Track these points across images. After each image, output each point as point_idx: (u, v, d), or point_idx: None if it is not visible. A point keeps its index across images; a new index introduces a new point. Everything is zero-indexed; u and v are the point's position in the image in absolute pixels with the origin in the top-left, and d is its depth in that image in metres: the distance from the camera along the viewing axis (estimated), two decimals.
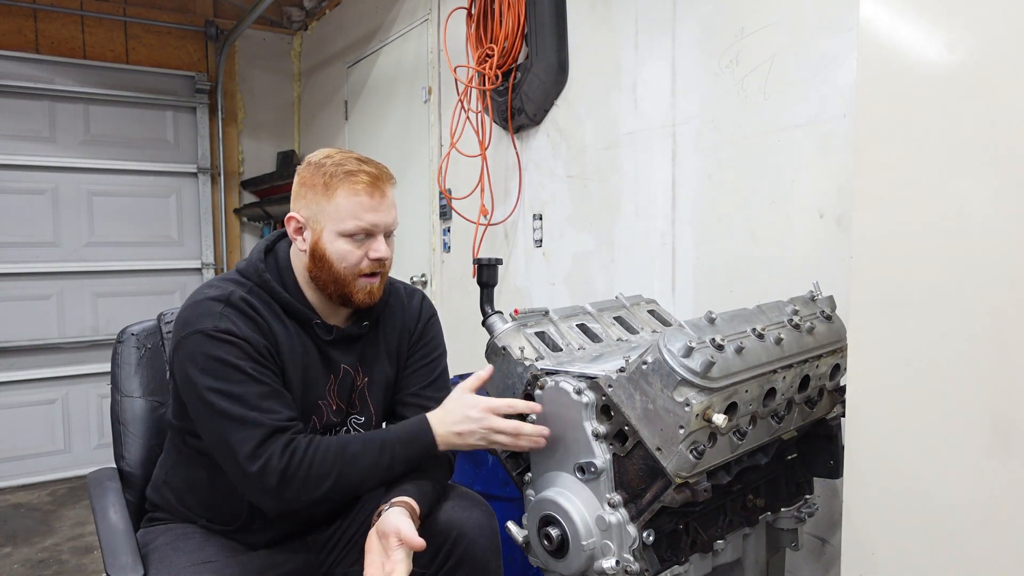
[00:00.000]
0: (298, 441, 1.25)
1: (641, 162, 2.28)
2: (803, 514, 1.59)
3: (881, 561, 1.17)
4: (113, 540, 1.37)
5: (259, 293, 1.36)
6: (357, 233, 1.34)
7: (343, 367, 1.44)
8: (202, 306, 1.30)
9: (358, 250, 1.35)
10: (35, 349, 4.05)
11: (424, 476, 1.37)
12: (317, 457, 1.24)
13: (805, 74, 1.80)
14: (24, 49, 3.98)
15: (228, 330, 1.27)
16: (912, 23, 1.10)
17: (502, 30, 2.62)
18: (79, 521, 3.46)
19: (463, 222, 3.03)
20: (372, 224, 1.34)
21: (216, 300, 1.31)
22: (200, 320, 1.28)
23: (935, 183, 1.08)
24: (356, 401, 1.48)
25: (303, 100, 4.86)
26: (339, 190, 1.32)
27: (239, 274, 1.39)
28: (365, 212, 1.33)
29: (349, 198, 1.32)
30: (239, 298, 1.32)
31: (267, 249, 1.44)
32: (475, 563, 1.39)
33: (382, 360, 1.51)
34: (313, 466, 1.23)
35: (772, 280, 1.88)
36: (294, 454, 1.23)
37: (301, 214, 1.36)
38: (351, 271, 1.35)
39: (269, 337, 1.33)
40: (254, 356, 1.28)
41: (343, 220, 1.32)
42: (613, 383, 1.25)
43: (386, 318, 1.52)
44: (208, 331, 1.26)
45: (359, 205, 1.32)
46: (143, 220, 4.34)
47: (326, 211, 1.33)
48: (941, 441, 1.08)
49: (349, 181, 1.32)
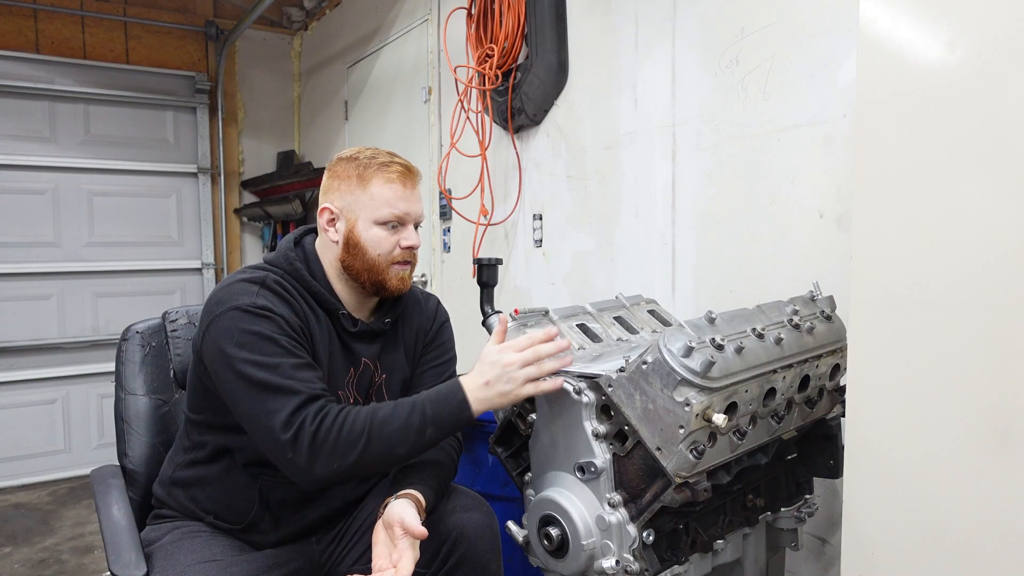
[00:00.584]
0: (330, 407, 1.25)
1: (641, 162, 2.28)
2: (803, 514, 1.59)
3: (881, 561, 1.17)
4: (116, 537, 1.37)
5: (290, 281, 1.39)
6: (391, 221, 1.39)
7: (364, 360, 1.47)
8: (237, 287, 1.33)
9: (391, 237, 1.40)
10: (35, 349, 4.05)
11: (429, 470, 1.39)
12: (347, 422, 1.23)
13: (805, 74, 1.80)
14: (24, 49, 3.98)
15: (264, 306, 1.29)
16: (912, 23, 1.10)
17: (502, 30, 2.62)
18: (79, 521, 3.46)
19: (463, 222, 3.04)
20: (405, 212, 1.40)
21: (251, 282, 1.34)
22: (236, 298, 1.30)
23: (935, 183, 1.08)
24: (373, 396, 1.49)
25: (303, 100, 4.86)
26: (374, 180, 1.39)
27: (268, 264, 1.42)
28: (399, 200, 1.39)
29: (384, 187, 1.38)
30: (274, 280, 1.35)
31: (295, 242, 1.48)
32: (475, 563, 1.39)
33: (400, 359, 1.53)
34: (343, 430, 1.22)
35: (772, 280, 1.88)
36: (325, 418, 1.22)
37: (335, 205, 1.41)
38: (385, 258, 1.40)
39: (303, 318, 1.36)
40: (289, 332, 1.30)
41: (378, 208, 1.38)
42: (613, 383, 1.25)
43: (405, 318, 1.56)
44: (245, 307, 1.29)
45: (393, 193, 1.39)
46: (143, 220, 4.34)
47: (360, 200, 1.39)
48: (941, 441, 1.09)
49: (384, 171, 1.39)
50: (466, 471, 1.99)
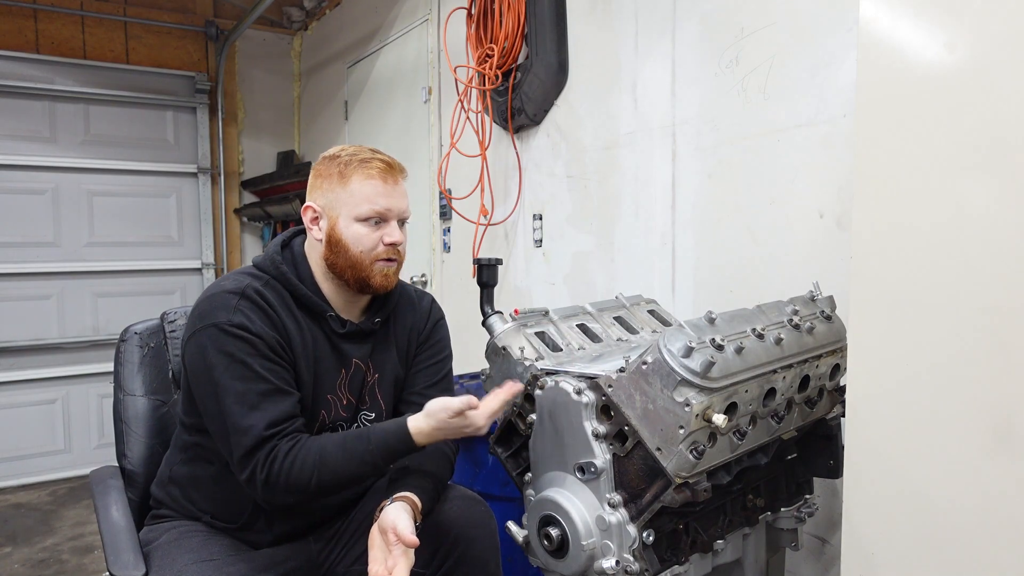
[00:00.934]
0: (279, 449, 1.27)
1: (641, 162, 2.28)
2: (803, 514, 1.59)
3: (880, 561, 1.17)
4: (115, 538, 1.38)
5: (275, 286, 1.40)
6: (372, 217, 1.38)
7: (355, 361, 1.46)
8: (217, 299, 1.34)
9: (373, 234, 1.39)
10: (35, 349, 4.05)
11: (426, 472, 1.39)
12: (297, 459, 1.26)
13: (805, 74, 1.80)
14: (24, 49, 3.98)
15: (241, 324, 1.30)
16: (912, 23, 1.10)
17: (502, 30, 2.62)
18: (79, 521, 3.46)
19: (463, 222, 3.04)
20: (385, 208, 1.39)
21: (232, 293, 1.34)
22: (215, 313, 1.32)
23: (935, 183, 1.08)
24: (367, 396, 1.49)
25: (303, 100, 4.86)
26: (354, 176, 1.38)
27: (256, 267, 1.43)
28: (379, 196, 1.38)
29: (363, 183, 1.37)
30: (254, 291, 1.35)
31: (283, 244, 1.48)
32: (474, 563, 1.40)
33: (392, 357, 1.53)
34: (292, 469, 1.26)
35: (772, 280, 1.88)
36: (274, 462, 1.26)
37: (317, 203, 1.41)
38: (367, 255, 1.39)
39: (281, 331, 1.36)
40: (264, 352, 1.31)
41: (358, 204, 1.37)
42: (613, 383, 1.25)
43: (397, 317, 1.55)
44: (222, 325, 1.30)
45: (373, 190, 1.38)
46: (143, 220, 4.34)
47: (341, 198, 1.38)
48: (941, 441, 1.09)
49: (363, 168, 1.38)
50: (466, 471, 1.99)
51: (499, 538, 1.47)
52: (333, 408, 1.44)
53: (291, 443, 1.28)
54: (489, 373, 1.55)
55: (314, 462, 1.27)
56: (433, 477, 1.40)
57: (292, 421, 1.31)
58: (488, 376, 1.55)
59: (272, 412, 1.28)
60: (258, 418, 1.27)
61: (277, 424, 1.29)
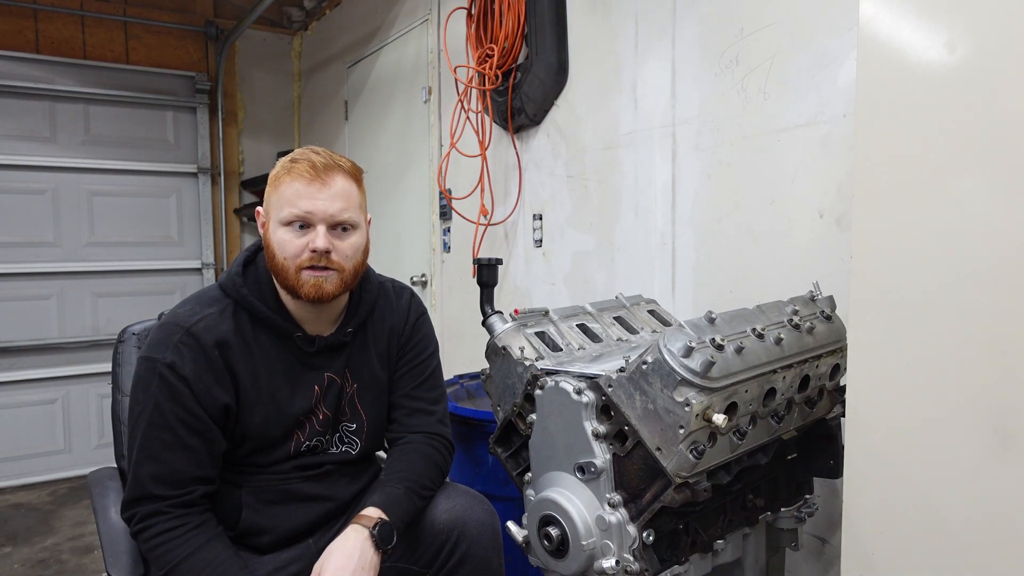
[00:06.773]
0: (155, 525, 1.25)
1: (641, 162, 2.28)
2: (803, 514, 1.59)
3: (880, 561, 1.17)
4: (114, 539, 1.38)
5: (236, 311, 1.36)
6: (293, 221, 1.30)
7: (327, 376, 1.42)
8: (166, 329, 1.32)
9: (297, 240, 1.31)
10: (35, 349, 4.04)
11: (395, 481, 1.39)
12: (158, 549, 1.24)
13: (805, 74, 1.80)
14: (24, 49, 3.98)
15: (172, 364, 1.28)
16: (912, 23, 1.10)
17: (502, 30, 2.62)
18: (79, 521, 3.46)
19: (463, 222, 3.03)
20: (306, 212, 1.30)
21: (178, 326, 1.31)
22: (156, 346, 1.31)
23: (935, 183, 1.08)
24: (346, 408, 1.47)
25: (303, 100, 4.86)
26: (283, 178, 1.32)
27: (220, 289, 1.39)
28: (300, 199, 1.30)
29: (288, 185, 1.31)
30: (203, 327, 1.31)
31: (247, 261, 1.43)
32: (477, 561, 1.39)
33: (372, 365, 1.49)
34: (153, 552, 1.25)
35: (772, 280, 1.88)
36: (144, 531, 1.26)
37: (262, 207, 1.39)
38: (291, 262, 1.31)
39: (220, 373, 1.31)
40: (182, 401, 1.28)
41: (281, 208, 1.31)
42: (613, 383, 1.25)
43: (374, 321, 1.51)
44: (154, 360, 1.29)
45: (295, 192, 1.30)
46: (143, 220, 4.33)
47: (271, 201, 1.34)
48: (941, 441, 1.09)
49: (290, 168, 1.33)
50: (466, 471, 1.99)
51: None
52: (308, 427, 1.41)
53: (171, 525, 1.25)
54: (489, 373, 1.55)
55: (174, 563, 1.23)
56: (405, 486, 1.39)
57: (185, 487, 1.27)
58: (488, 376, 1.55)
59: (166, 467, 1.26)
60: (150, 470, 1.26)
61: (166, 481, 1.26)
